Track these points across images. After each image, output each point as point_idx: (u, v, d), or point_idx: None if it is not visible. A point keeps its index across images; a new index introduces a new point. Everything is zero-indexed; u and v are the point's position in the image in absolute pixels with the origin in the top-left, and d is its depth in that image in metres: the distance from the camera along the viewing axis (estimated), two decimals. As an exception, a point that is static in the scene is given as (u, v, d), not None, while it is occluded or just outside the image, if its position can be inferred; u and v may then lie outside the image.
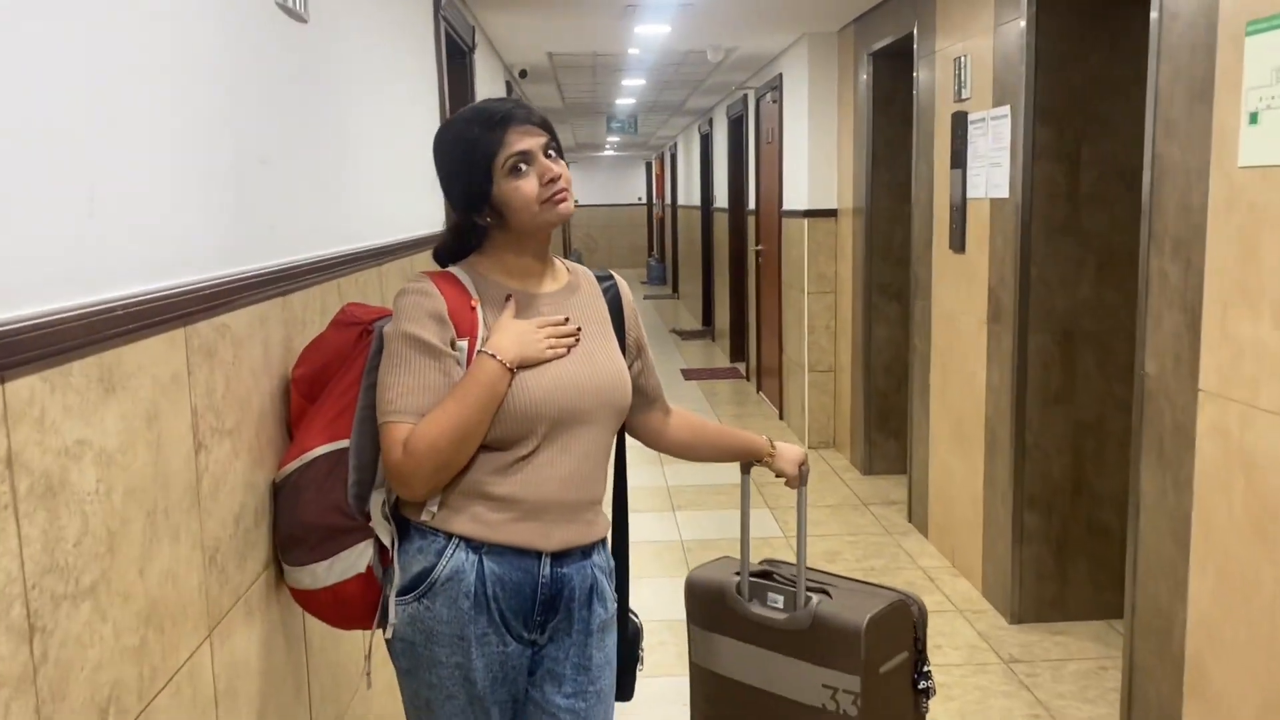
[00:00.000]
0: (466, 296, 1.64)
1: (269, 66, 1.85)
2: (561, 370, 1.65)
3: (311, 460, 1.68)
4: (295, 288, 1.88)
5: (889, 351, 5.44)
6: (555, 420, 1.63)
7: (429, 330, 1.58)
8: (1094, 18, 3.37)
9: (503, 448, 1.62)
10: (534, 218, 1.64)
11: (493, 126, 1.61)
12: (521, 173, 1.62)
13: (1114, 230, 3.45)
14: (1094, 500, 3.59)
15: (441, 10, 3.76)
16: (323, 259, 2.04)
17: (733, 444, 2.07)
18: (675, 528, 4.77)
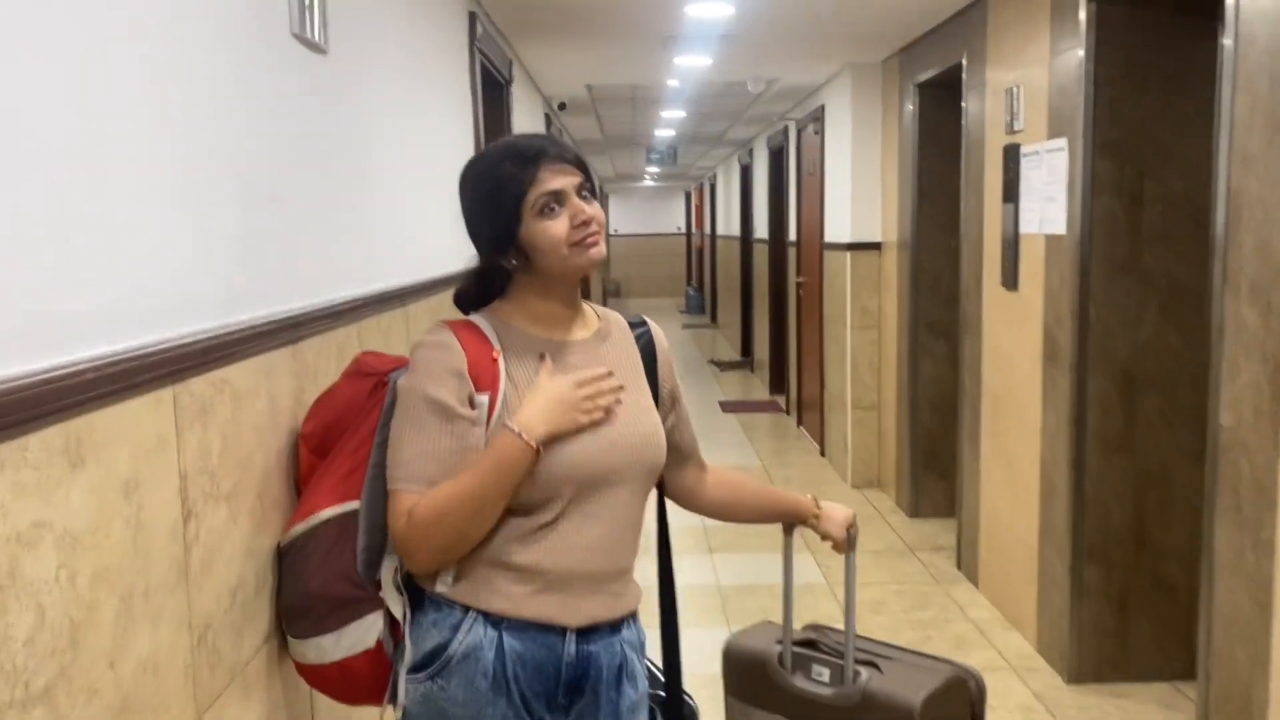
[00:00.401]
0: (488, 347, 1.51)
1: (283, 99, 1.75)
2: (590, 427, 1.51)
3: (319, 523, 1.55)
4: (308, 335, 1.76)
5: (935, 389, 5.25)
6: (583, 483, 1.50)
7: (445, 389, 1.46)
8: (1156, 46, 3.20)
9: (525, 513, 1.49)
10: (563, 261, 1.52)
11: (525, 163, 1.50)
12: (552, 213, 1.50)
13: (1179, 268, 3.26)
14: (1158, 554, 3.38)
15: (477, 43, 3.68)
16: (339, 303, 1.93)
17: (774, 504, 1.93)
18: (712, 571, 4.60)
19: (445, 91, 3.30)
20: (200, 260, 1.38)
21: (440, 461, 1.44)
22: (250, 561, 1.49)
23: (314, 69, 1.90)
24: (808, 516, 1.90)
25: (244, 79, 1.57)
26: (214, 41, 1.47)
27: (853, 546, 1.94)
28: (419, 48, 2.90)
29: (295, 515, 1.59)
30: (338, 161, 2.05)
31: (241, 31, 1.57)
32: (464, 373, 1.46)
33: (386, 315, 2.31)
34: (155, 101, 1.27)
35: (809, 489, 5.92)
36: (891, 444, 5.73)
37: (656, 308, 19.42)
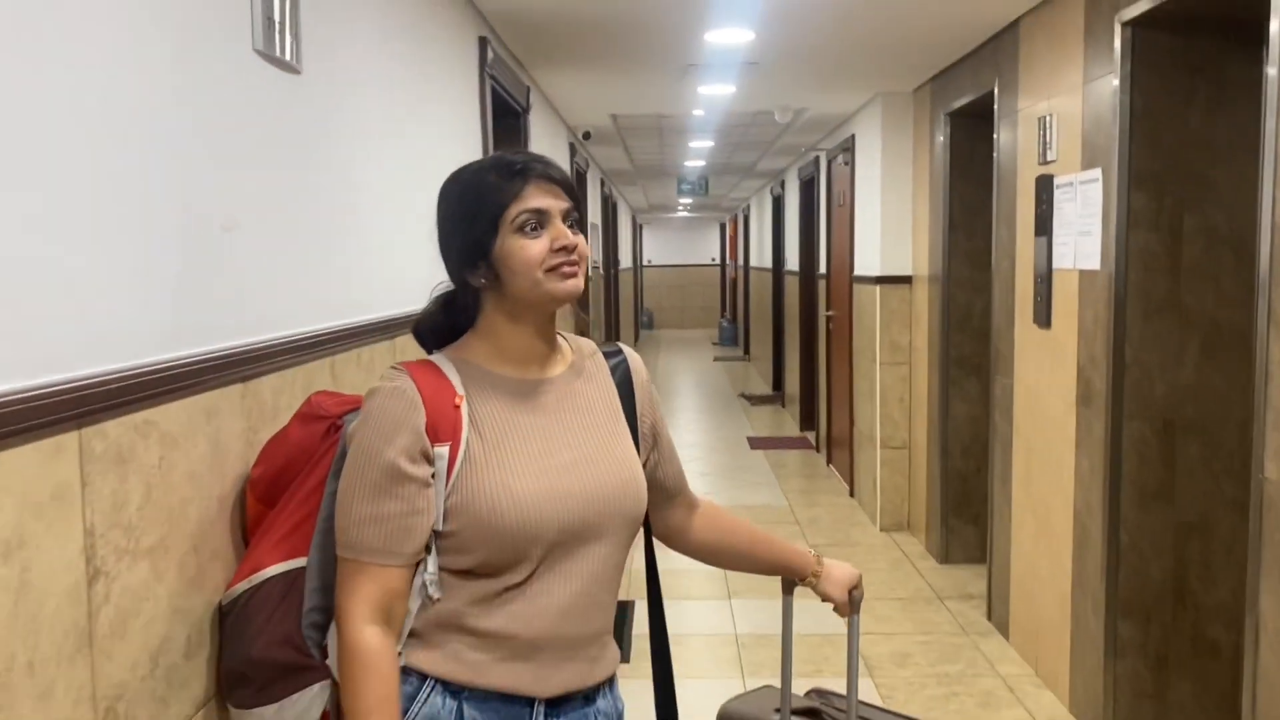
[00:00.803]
0: (449, 390, 1.36)
1: (243, 121, 1.63)
2: (563, 477, 1.38)
3: (262, 582, 1.42)
4: (266, 371, 1.64)
5: (968, 430, 5.05)
6: (555, 542, 1.36)
7: (394, 446, 1.31)
8: (1196, 72, 3.03)
9: (489, 575, 1.35)
10: (534, 286, 1.37)
11: (511, 175, 1.37)
12: (532, 233, 1.36)
13: (1221, 307, 3.07)
14: (1199, 611, 3.16)
15: (488, 68, 3.58)
16: (305, 335, 1.81)
17: (769, 557, 1.75)
18: (729, 618, 4.42)
19: (449, 118, 3.20)
20: (123, 294, 1.26)
21: (385, 528, 1.30)
22: (179, 622, 1.36)
23: (284, 90, 1.80)
24: (806, 574, 1.74)
25: (193, 100, 1.46)
26: (159, 60, 1.36)
27: (856, 610, 1.77)
28: (418, 71, 2.80)
29: (239, 571, 1.46)
30: (313, 188, 1.94)
31: (192, 49, 1.46)
32: (419, 427, 1.32)
33: (369, 348, 2.19)
34: (74, 125, 1.16)
35: (836, 532, 5.81)
36: (922, 485, 5.53)
37: (690, 339, 19.29)
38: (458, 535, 1.33)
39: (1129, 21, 2.99)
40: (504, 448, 1.36)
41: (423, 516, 1.31)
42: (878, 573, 5.04)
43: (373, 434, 1.31)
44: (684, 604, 4.58)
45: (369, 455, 1.31)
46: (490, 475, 1.33)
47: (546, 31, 3.99)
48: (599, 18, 3.82)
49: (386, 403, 1.33)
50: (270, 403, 1.67)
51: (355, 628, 1.28)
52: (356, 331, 2.11)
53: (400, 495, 1.30)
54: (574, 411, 1.44)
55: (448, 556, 1.34)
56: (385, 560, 1.30)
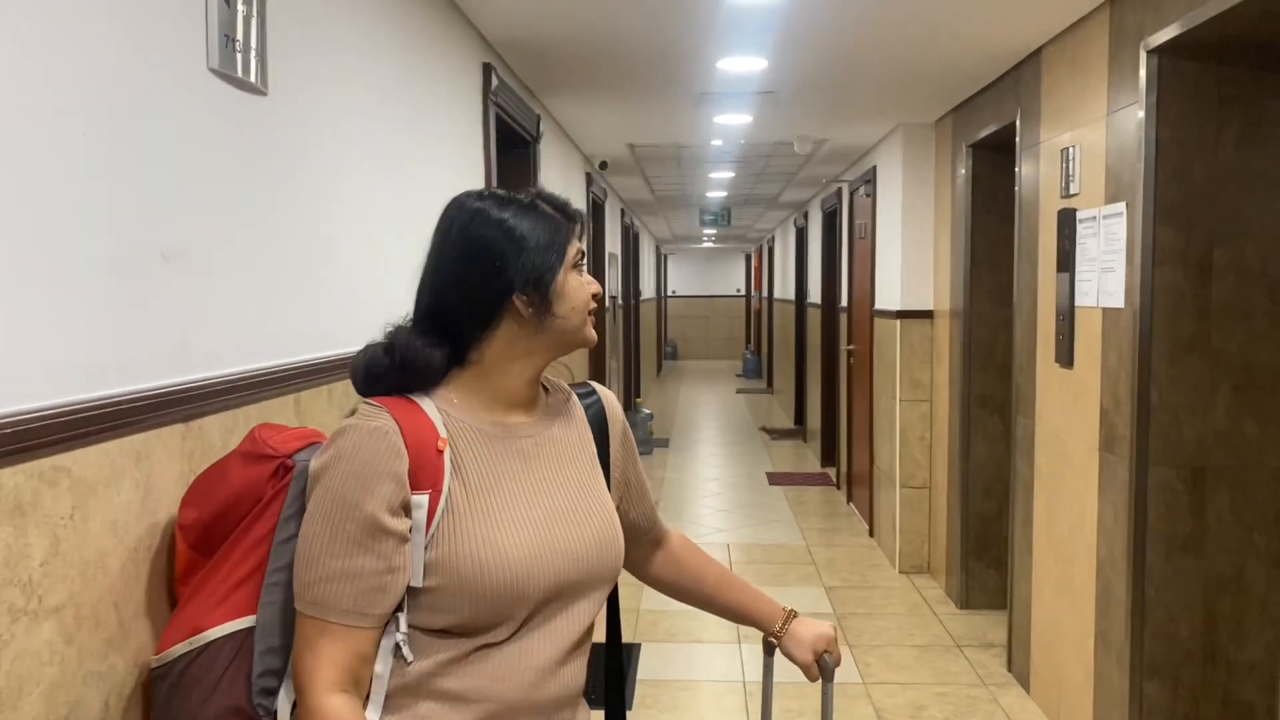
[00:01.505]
0: (432, 433, 1.25)
1: (196, 143, 1.54)
2: (549, 531, 1.29)
3: (205, 646, 1.27)
4: (213, 409, 1.53)
5: (990, 471, 4.88)
6: (541, 601, 1.27)
7: (374, 496, 1.19)
8: (1225, 102, 2.89)
9: (466, 634, 1.25)
10: (579, 327, 1.35)
11: (569, 216, 1.36)
12: (580, 274, 1.36)
13: (1254, 349, 2.91)
14: (1231, 672, 2.98)
15: (492, 95, 3.50)
16: (263, 371, 1.70)
17: (734, 604, 1.63)
18: (739, 665, 4.25)
19: (449, 146, 3.11)
20: (30, 331, 1.15)
21: (356, 586, 1.18)
22: (93, 687, 1.24)
23: (245, 112, 1.70)
24: (770, 629, 1.60)
25: (132, 119, 1.36)
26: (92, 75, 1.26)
27: (828, 676, 1.60)
28: (411, 97, 2.71)
29: (172, 629, 1.30)
30: (280, 216, 1.84)
31: (135, 65, 1.37)
32: (402, 475, 1.21)
33: (342, 384, 2.08)
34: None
35: (854, 574, 5.63)
36: (942, 527, 5.34)
37: (714, 370, 19.15)
38: (436, 593, 1.22)
39: (1155, 49, 2.86)
40: (488, 498, 1.27)
41: (399, 575, 1.21)
42: (895, 617, 4.86)
43: (348, 479, 1.19)
44: (692, 648, 4.43)
45: (343, 504, 1.19)
46: (475, 529, 1.24)
47: (555, 58, 3.91)
48: (608, 44, 3.74)
49: (366, 444, 1.20)
50: (219, 444, 1.56)
51: (319, 696, 1.17)
52: (328, 366, 2.00)
53: (377, 551, 1.19)
54: (554, 459, 1.36)
55: (422, 614, 1.23)
56: (355, 622, 1.19)
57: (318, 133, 2.02)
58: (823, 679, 1.59)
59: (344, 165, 2.18)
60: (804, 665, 1.58)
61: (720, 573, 1.64)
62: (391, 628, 1.22)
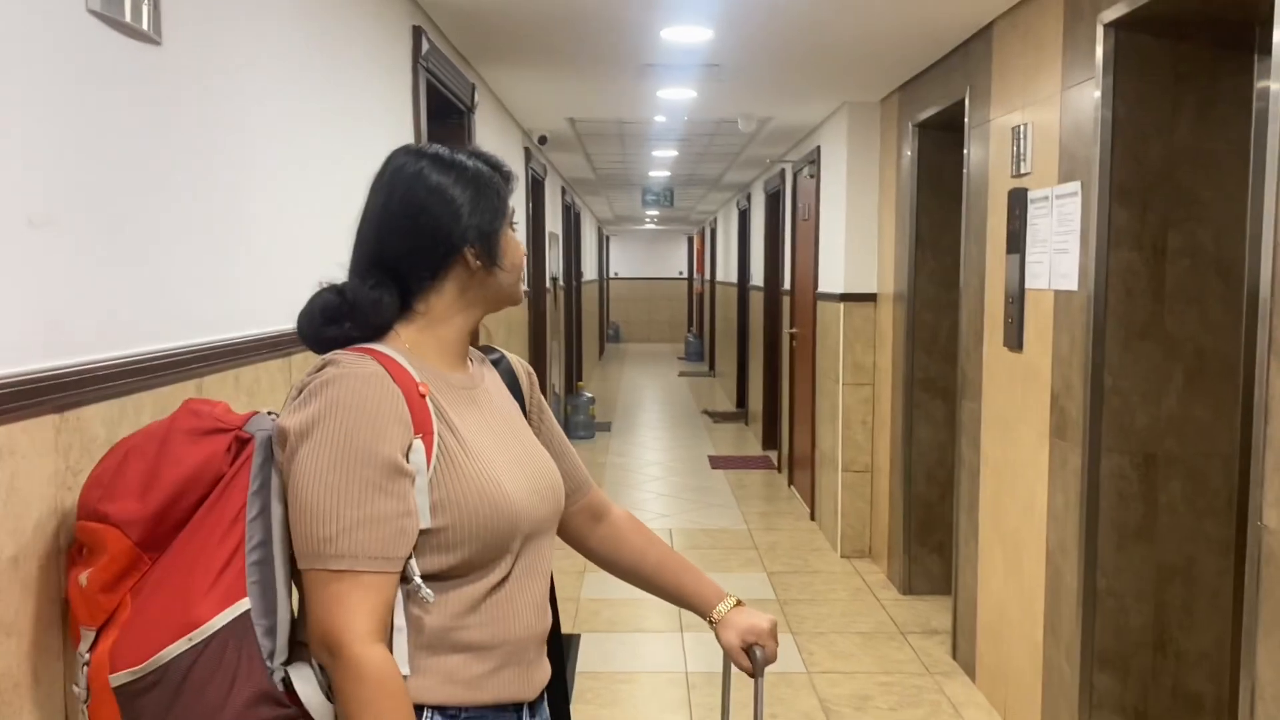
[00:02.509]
0: (410, 381, 1.26)
1: (70, 95, 1.35)
2: (523, 469, 1.35)
3: (210, 638, 1.16)
4: (92, 397, 1.35)
5: (932, 455, 4.82)
6: (528, 535, 1.33)
7: (389, 438, 1.20)
8: (1179, 79, 2.82)
9: (474, 576, 1.27)
10: (515, 284, 1.39)
11: (506, 177, 1.39)
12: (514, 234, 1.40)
13: (1207, 333, 2.85)
14: (1181, 661, 2.93)
15: (423, 60, 3.31)
16: (156, 354, 1.52)
17: (671, 585, 1.59)
18: (681, 655, 4.14)
19: (376, 112, 2.92)
20: None
21: (383, 530, 1.18)
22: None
23: (133, 62, 1.51)
24: (707, 614, 1.56)
25: None
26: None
27: (758, 670, 1.52)
28: (334, 57, 2.52)
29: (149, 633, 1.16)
30: (177, 182, 1.65)
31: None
32: (406, 417, 1.22)
33: (252, 367, 1.90)
34: None
35: (795, 558, 5.55)
36: (884, 511, 5.29)
37: (656, 353, 19.04)
38: (445, 531, 1.24)
39: (1112, 23, 2.77)
40: (475, 438, 1.30)
41: (414, 516, 1.22)
42: (838, 603, 4.79)
43: (357, 426, 1.18)
44: (633, 638, 4.30)
45: (355, 451, 1.17)
46: (470, 464, 1.26)
47: (490, 23, 3.72)
48: (549, 9, 3.56)
49: (366, 389, 1.20)
50: (103, 436, 1.39)
51: (362, 647, 1.15)
52: (237, 348, 1.82)
53: (395, 493, 1.19)
54: (496, 410, 1.40)
55: (427, 558, 1.24)
56: (383, 567, 1.18)
57: (222, 92, 1.83)
58: (754, 671, 1.51)
59: (255, 128, 1.99)
60: (729, 650, 1.54)
61: (663, 552, 1.61)
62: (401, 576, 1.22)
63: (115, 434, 1.42)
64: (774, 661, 1.52)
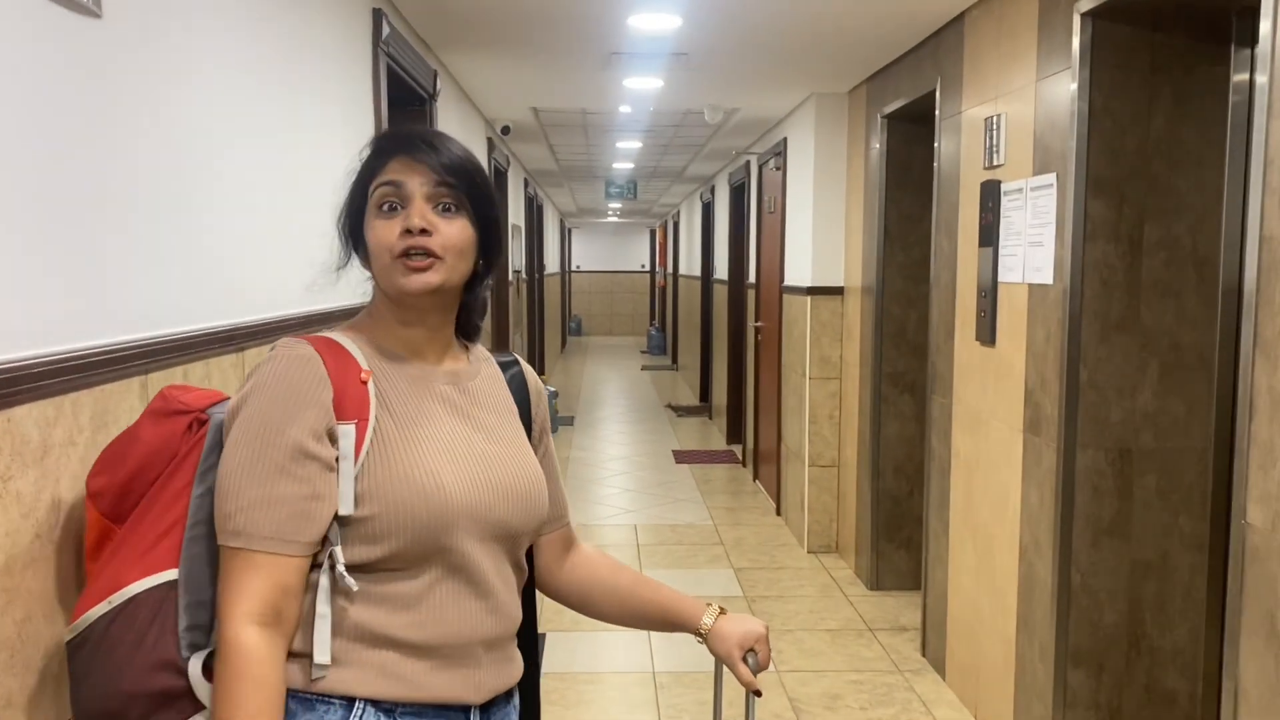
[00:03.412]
0: (354, 366, 1.24)
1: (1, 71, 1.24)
2: (480, 465, 1.28)
3: (125, 602, 1.21)
4: (24, 398, 1.25)
5: (901, 450, 4.79)
6: (474, 533, 1.25)
7: (300, 422, 1.18)
8: (1155, 70, 2.78)
9: (410, 570, 1.22)
10: (384, 273, 1.27)
11: (387, 145, 1.29)
12: (387, 213, 1.26)
13: (1183, 327, 2.82)
14: (1155, 659, 2.91)
15: (383, 44, 3.19)
16: (93, 351, 1.41)
17: (655, 608, 1.50)
18: (648, 654, 4.07)
19: (334, 97, 2.80)
20: None
21: (280, 511, 1.16)
22: None
23: (70, 35, 1.40)
24: (694, 625, 1.49)
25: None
26: None
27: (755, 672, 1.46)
28: (289, 38, 2.40)
29: (88, 596, 1.23)
30: (117, 164, 1.54)
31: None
32: (327, 403, 1.20)
33: (203, 363, 1.79)
34: None
35: (761, 554, 5.49)
36: (851, 507, 5.25)
37: (618, 346, 18.95)
38: (371, 521, 1.20)
39: (1089, 12, 2.72)
40: (418, 427, 1.26)
41: (323, 502, 1.18)
42: (806, 600, 4.74)
43: (272, 405, 1.18)
44: (599, 637, 4.23)
45: (266, 430, 1.17)
46: (408, 454, 1.23)
47: (453, 8, 3.61)
48: (511, -5, 3.46)
49: (290, 371, 1.20)
50: (37, 439, 1.28)
51: (237, 627, 1.13)
52: (185, 342, 1.71)
53: (300, 476, 1.17)
54: (478, 406, 1.34)
55: (357, 548, 1.20)
56: (278, 549, 1.16)
57: (168, 70, 1.72)
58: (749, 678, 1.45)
59: (205, 110, 1.87)
60: (728, 660, 1.47)
61: (636, 575, 1.54)
62: (327, 564, 1.19)
63: (50, 436, 1.31)
64: (767, 666, 1.47)
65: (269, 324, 2.11)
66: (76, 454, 1.37)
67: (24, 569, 1.27)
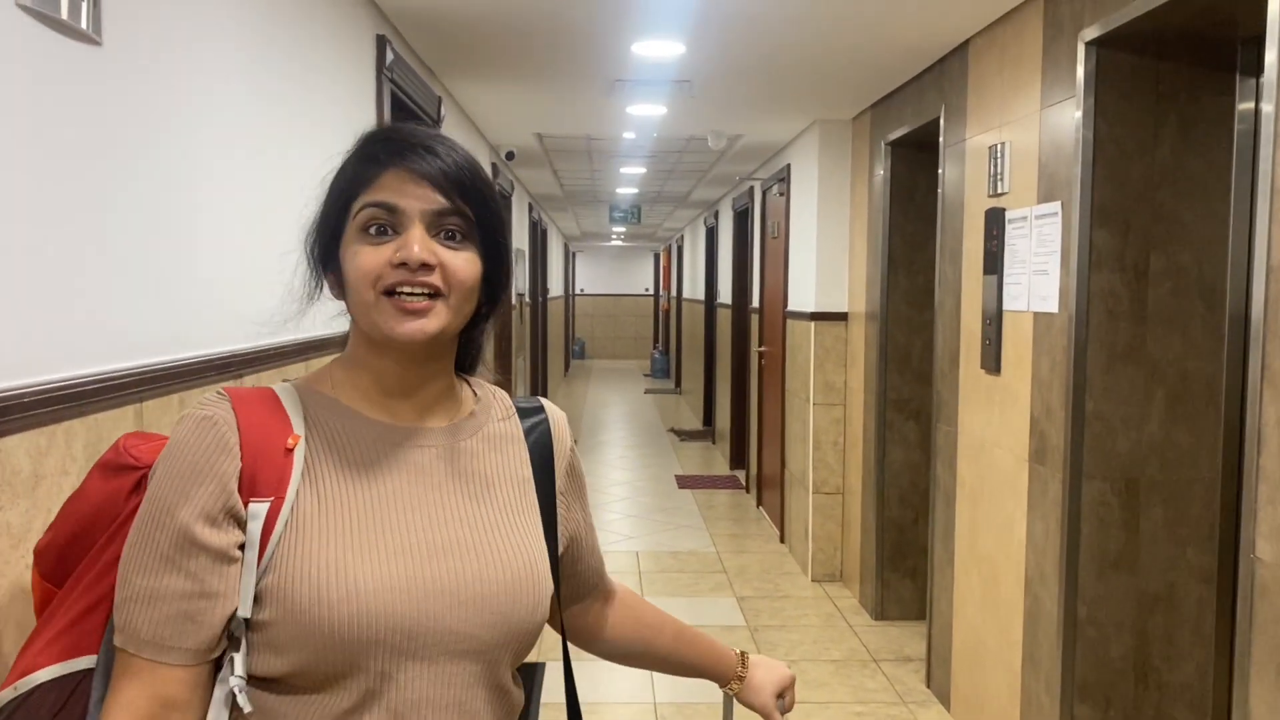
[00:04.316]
0: (284, 428, 1.01)
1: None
2: (426, 563, 1.02)
3: (30, 691, 1.03)
4: (12, 427, 1.23)
5: (905, 478, 4.75)
6: (402, 652, 0.99)
7: (191, 501, 0.96)
8: (1160, 98, 2.77)
9: (312, 690, 0.99)
10: (366, 311, 1.02)
11: (375, 154, 1.03)
12: (374, 236, 1.01)
13: (1189, 357, 2.80)
14: (1163, 693, 2.86)
15: (386, 70, 3.20)
16: (85, 379, 1.40)
17: (689, 658, 1.42)
18: (649, 685, 4.03)
19: (338, 123, 2.80)
20: None
21: (159, 611, 0.95)
22: None
23: (69, 63, 1.40)
24: (728, 680, 1.42)
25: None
26: None
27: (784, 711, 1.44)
28: (291, 65, 2.40)
29: (12, 670, 1.07)
30: (119, 193, 1.53)
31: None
32: (227, 476, 0.97)
33: (197, 390, 1.78)
34: None
35: (765, 582, 5.45)
36: (855, 535, 5.21)
37: (621, 370, 18.94)
38: (270, 628, 0.98)
39: (1093, 41, 2.72)
40: (347, 512, 1.01)
41: (216, 601, 0.97)
42: (810, 630, 4.70)
43: (166, 480, 0.98)
44: (598, 666, 4.17)
45: (157, 510, 0.97)
46: (321, 548, 0.98)
47: (457, 35, 3.62)
48: (517, 22, 3.46)
49: (190, 438, 0.98)
50: (28, 470, 1.26)
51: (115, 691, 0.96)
52: (180, 370, 1.70)
53: (186, 570, 0.96)
54: (460, 478, 1.08)
55: (257, 656, 0.99)
56: (155, 655, 0.95)
57: (169, 98, 1.72)
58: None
59: (205, 137, 1.87)
60: (764, 711, 1.41)
61: (677, 627, 1.41)
62: (225, 673, 0.98)
63: (42, 466, 1.29)
64: (791, 709, 1.45)
65: (266, 351, 2.09)
66: (69, 484, 1.35)
67: (12, 600, 1.25)
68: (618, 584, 1.39)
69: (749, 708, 1.43)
